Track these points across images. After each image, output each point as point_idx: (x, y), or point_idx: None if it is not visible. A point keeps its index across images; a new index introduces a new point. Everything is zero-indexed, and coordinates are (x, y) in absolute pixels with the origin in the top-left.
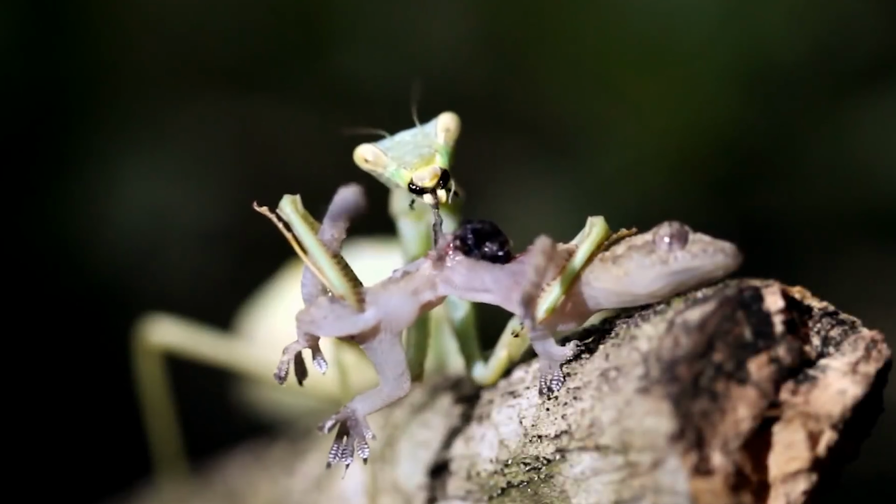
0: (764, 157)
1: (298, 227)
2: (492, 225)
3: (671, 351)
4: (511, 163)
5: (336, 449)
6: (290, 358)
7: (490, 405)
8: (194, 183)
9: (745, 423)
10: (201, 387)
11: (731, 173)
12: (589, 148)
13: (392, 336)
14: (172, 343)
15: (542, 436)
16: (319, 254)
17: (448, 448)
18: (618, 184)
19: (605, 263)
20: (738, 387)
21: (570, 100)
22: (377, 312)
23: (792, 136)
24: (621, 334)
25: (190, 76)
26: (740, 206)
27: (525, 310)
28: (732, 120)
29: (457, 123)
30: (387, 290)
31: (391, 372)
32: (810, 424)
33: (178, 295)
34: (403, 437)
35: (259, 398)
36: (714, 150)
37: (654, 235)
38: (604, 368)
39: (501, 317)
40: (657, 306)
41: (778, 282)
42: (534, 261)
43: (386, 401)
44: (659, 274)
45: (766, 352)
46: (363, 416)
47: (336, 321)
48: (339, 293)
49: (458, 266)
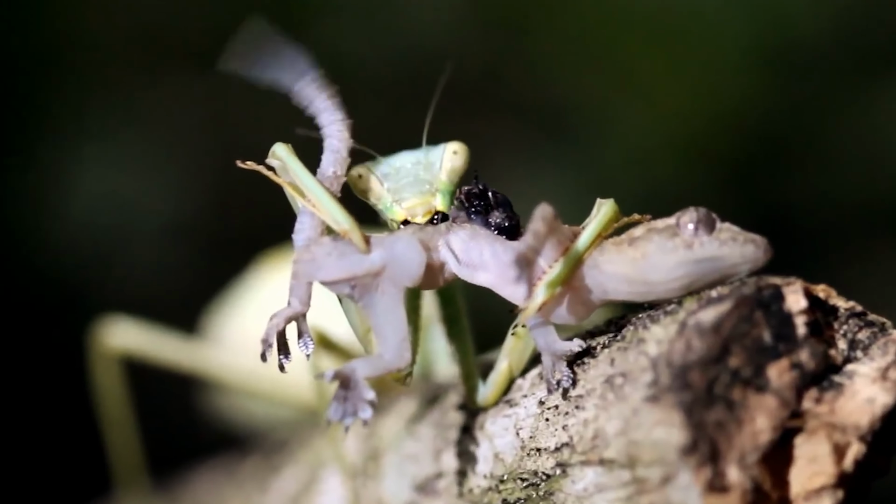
0: (784, 144)
1: (295, 167)
2: (505, 197)
3: (683, 355)
4: (507, 149)
5: (335, 407)
6: (280, 323)
7: (484, 415)
8: (158, 170)
9: (764, 434)
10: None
11: (749, 161)
12: (592, 133)
13: (396, 290)
14: (133, 346)
15: (541, 449)
16: (320, 191)
17: (438, 462)
18: (624, 173)
19: (620, 245)
20: (757, 395)
21: (572, 80)
22: (383, 255)
23: (815, 120)
24: (628, 337)
25: (154, 52)
26: (758, 196)
27: (519, 273)
28: (750, 102)
29: (465, 157)
30: (393, 235)
31: (392, 336)
32: (836, 436)
33: (138, 293)
34: (389, 449)
35: (229, 407)
36: (729, 135)
37: (678, 220)
38: (609, 374)
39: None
40: (667, 306)
41: (800, 279)
42: (532, 226)
43: (385, 368)
44: (682, 260)
45: (787, 356)
46: (362, 377)
47: (340, 259)
48: (344, 229)
49: (460, 231)
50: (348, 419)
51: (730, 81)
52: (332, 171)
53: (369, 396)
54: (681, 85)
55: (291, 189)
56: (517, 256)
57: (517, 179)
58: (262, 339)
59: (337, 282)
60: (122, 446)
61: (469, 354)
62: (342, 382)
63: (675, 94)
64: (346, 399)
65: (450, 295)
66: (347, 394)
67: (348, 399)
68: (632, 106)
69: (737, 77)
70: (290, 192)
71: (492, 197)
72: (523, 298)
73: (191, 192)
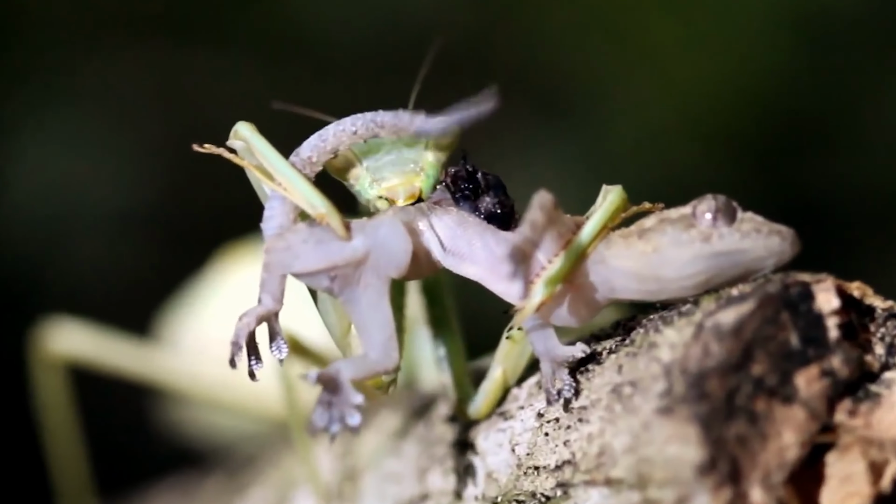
0: (816, 124)
1: (262, 147)
2: (497, 179)
3: (700, 361)
4: (503, 127)
5: (320, 413)
6: (251, 323)
7: (476, 429)
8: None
9: (791, 451)
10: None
11: (775, 143)
12: (597, 110)
13: (380, 282)
14: (79, 352)
15: (540, 467)
16: (292, 172)
17: (423, 482)
18: (633, 155)
19: (629, 238)
20: (783, 406)
21: (575, 48)
22: (366, 241)
23: (850, 96)
24: (637, 341)
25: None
26: (786, 182)
27: (515, 269)
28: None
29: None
30: (375, 219)
31: (378, 334)
32: (872, 453)
33: (85, 292)
34: (368, 468)
35: (187, 420)
36: (754, 113)
37: (694, 209)
38: (616, 383)
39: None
40: (682, 306)
41: (832, 276)
42: (529, 215)
43: (372, 369)
44: (698, 254)
45: (817, 363)
46: (348, 380)
47: (318, 247)
48: (321, 213)
49: (446, 216)
50: (335, 426)
51: (757, 52)
52: (307, 156)
53: (357, 400)
54: (700, 55)
55: (258, 172)
56: (512, 250)
57: (512, 162)
58: (232, 342)
59: (315, 272)
60: (66, 464)
61: (459, 360)
62: (326, 385)
63: (692, 66)
64: (331, 404)
65: (437, 293)
66: (332, 398)
67: (334, 404)
68: (643, 79)
69: (764, 47)
70: (255, 175)
71: (482, 179)
72: (519, 297)
73: (143, 177)
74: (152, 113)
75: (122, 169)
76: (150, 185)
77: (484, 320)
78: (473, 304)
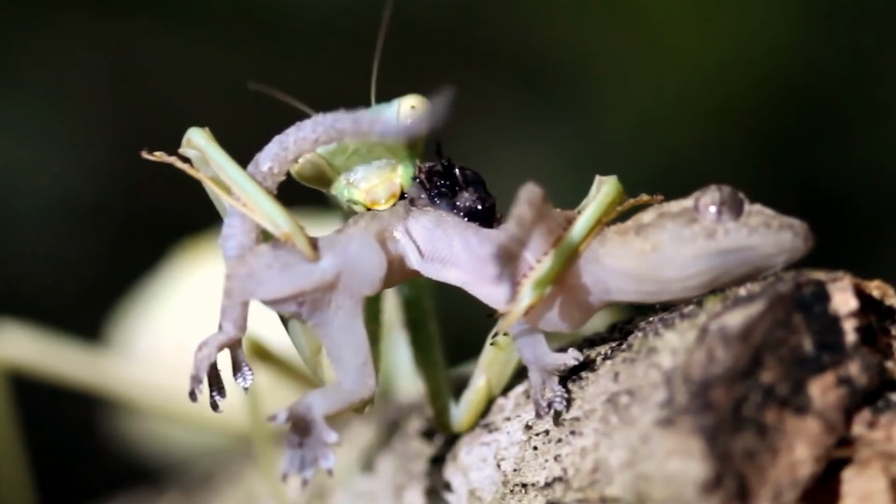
0: (831, 104)
1: (218, 157)
2: (475, 174)
3: (704, 368)
4: (492, 110)
5: (290, 457)
6: (212, 353)
7: (457, 443)
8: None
9: (804, 466)
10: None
11: (786, 126)
12: (592, 91)
13: (352, 303)
14: (22, 358)
15: (528, 484)
16: (252, 187)
17: (399, 501)
18: (631, 141)
19: (625, 235)
20: (796, 417)
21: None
22: (335, 261)
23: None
24: (635, 346)
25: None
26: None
27: (500, 270)
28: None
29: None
30: (343, 234)
31: (351, 360)
32: (893, 469)
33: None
34: (338, 486)
35: (140, 432)
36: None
37: (696, 202)
38: (612, 392)
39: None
40: (684, 308)
41: (849, 274)
42: (516, 210)
43: (346, 401)
44: (702, 251)
45: (832, 370)
46: (320, 416)
47: (283, 271)
48: (285, 232)
49: (422, 217)
50: (307, 470)
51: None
52: (268, 167)
53: (331, 439)
54: (706, 32)
55: (214, 185)
56: (497, 249)
57: (497, 149)
58: (192, 375)
59: (282, 300)
60: (8, 480)
61: (438, 368)
62: (297, 425)
63: (698, 43)
64: (301, 444)
65: (415, 294)
66: (304, 439)
67: (305, 444)
68: (643, 57)
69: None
70: (211, 189)
71: (459, 174)
72: (505, 300)
73: (92, 166)
74: (100, 94)
75: (67, 156)
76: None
77: (466, 323)
78: (455, 306)
